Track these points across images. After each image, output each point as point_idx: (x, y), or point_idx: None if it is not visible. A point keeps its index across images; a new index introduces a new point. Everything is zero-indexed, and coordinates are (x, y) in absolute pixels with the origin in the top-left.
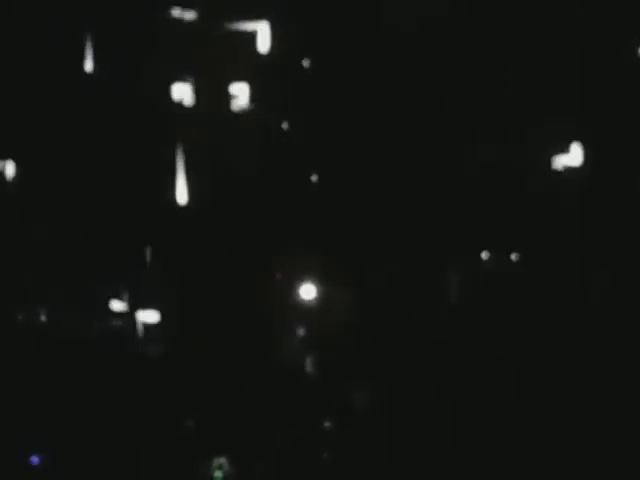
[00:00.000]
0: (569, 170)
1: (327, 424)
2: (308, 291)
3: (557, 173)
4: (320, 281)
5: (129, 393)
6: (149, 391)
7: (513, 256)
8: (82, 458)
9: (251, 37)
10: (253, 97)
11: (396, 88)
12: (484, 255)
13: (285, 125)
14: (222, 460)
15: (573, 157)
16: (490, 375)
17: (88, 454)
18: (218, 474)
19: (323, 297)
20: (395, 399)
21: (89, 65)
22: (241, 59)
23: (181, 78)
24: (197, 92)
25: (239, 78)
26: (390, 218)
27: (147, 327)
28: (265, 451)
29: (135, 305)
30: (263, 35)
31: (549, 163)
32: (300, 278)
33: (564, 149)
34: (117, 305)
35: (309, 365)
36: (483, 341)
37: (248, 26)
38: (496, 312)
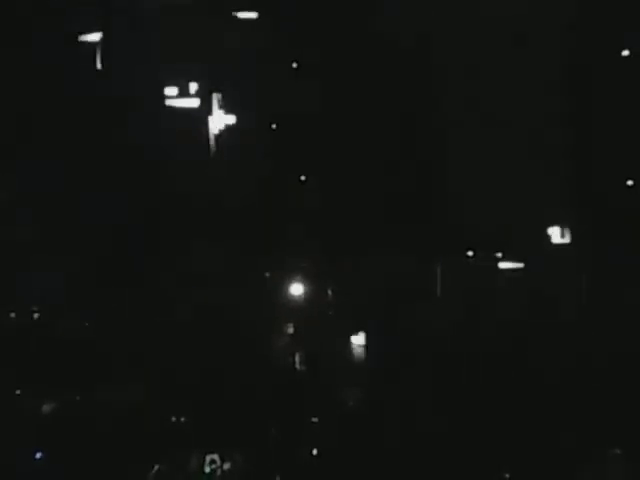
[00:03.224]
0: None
1: (315, 420)
2: (297, 289)
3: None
4: (309, 279)
5: (122, 391)
6: (142, 389)
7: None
8: (79, 455)
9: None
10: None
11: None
12: (471, 254)
13: (276, 125)
14: (214, 456)
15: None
16: (480, 372)
17: (85, 451)
18: (210, 470)
19: (313, 294)
20: (387, 395)
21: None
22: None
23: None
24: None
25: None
26: (379, 218)
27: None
28: (256, 447)
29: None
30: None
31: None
32: (290, 276)
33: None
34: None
35: (299, 362)
36: (473, 340)
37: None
38: (485, 310)
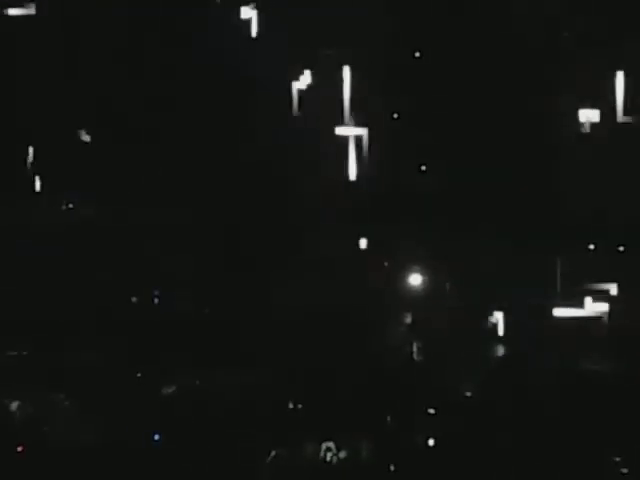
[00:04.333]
0: None
1: (432, 411)
2: (415, 279)
3: None
4: (427, 269)
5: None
6: (259, 375)
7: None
8: (196, 439)
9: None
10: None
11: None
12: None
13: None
14: (330, 444)
15: None
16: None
17: (202, 435)
18: (327, 456)
19: (430, 285)
20: (500, 387)
21: None
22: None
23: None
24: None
25: None
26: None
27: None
28: (372, 436)
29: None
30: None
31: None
32: (408, 266)
33: None
34: None
35: (415, 352)
36: None
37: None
38: None
